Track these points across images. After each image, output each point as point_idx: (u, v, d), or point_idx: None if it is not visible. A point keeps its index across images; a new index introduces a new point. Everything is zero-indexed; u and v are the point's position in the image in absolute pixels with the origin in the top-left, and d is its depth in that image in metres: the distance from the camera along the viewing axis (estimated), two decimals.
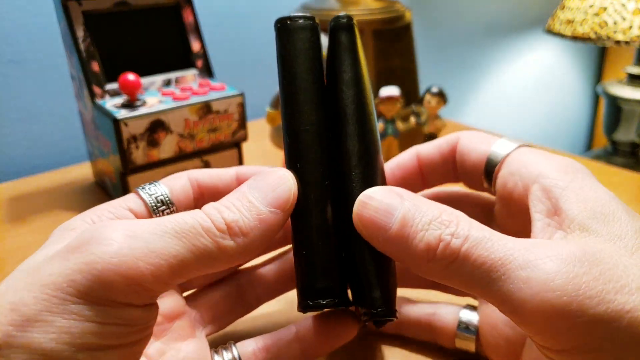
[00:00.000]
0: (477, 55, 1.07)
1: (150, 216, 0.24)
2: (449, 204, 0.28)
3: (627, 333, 0.16)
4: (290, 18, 0.24)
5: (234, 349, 0.25)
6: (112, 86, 0.43)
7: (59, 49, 0.57)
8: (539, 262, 0.17)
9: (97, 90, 0.43)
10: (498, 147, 0.25)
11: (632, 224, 0.19)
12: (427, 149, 0.27)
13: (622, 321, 0.16)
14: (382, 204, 0.19)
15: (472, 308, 0.27)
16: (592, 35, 0.82)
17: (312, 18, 0.24)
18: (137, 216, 0.23)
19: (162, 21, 0.46)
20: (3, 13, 0.54)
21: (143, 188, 0.24)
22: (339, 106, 0.23)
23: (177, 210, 0.24)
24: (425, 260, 0.19)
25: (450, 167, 0.27)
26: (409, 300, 0.29)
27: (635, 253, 0.18)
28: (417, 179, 0.28)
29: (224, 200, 0.20)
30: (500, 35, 1.09)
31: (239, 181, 0.26)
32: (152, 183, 0.24)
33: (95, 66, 0.43)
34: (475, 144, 0.26)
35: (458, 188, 0.29)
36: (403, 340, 0.29)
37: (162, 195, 0.24)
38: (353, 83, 0.23)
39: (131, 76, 0.41)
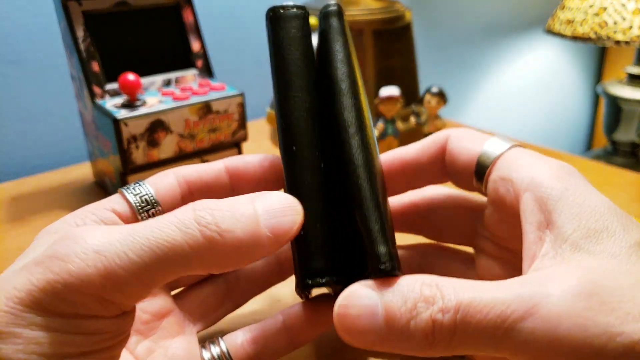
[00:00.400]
0: (477, 55, 1.08)
1: (135, 217, 0.23)
2: (437, 208, 0.28)
3: None
4: (282, 7, 0.24)
5: (221, 342, 0.25)
6: (112, 86, 0.43)
7: (59, 49, 0.57)
8: (540, 310, 0.17)
9: (97, 90, 0.43)
10: (489, 147, 0.24)
11: (627, 239, 0.19)
12: (411, 150, 0.26)
13: (634, 352, 0.16)
14: (361, 309, 0.18)
15: None
16: (592, 35, 0.82)
17: (303, 7, 0.24)
18: (121, 217, 0.23)
19: (162, 21, 0.46)
20: (3, 13, 0.54)
21: (128, 188, 0.24)
22: (334, 81, 0.24)
23: (163, 210, 0.24)
24: (427, 346, 0.18)
25: (438, 167, 0.26)
26: None
27: (629, 272, 0.18)
28: (400, 182, 0.27)
29: (225, 203, 0.19)
30: (500, 35, 1.10)
31: (229, 173, 0.25)
32: (137, 183, 0.24)
33: (95, 66, 0.43)
34: (465, 143, 0.25)
35: (445, 190, 0.28)
36: None
37: (146, 194, 0.23)
38: (346, 61, 0.24)
39: (131, 76, 0.41)
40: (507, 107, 1.20)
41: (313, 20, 0.46)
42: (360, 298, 0.18)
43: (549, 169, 0.21)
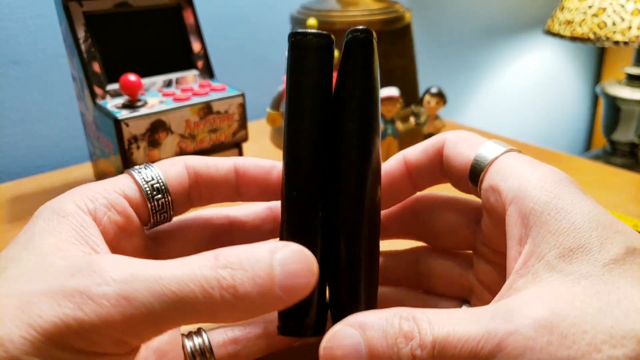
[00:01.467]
0: (476, 56, 1.08)
1: (145, 202, 0.23)
2: (435, 214, 0.28)
3: None
4: (305, 34, 0.22)
5: (204, 335, 0.26)
6: (113, 87, 0.43)
7: (60, 50, 0.58)
8: (506, 347, 0.17)
9: (98, 90, 0.43)
10: (484, 151, 0.24)
11: (602, 256, 0.19)
12: (413, 153, 0.27)
13: None
14: (346, 349, 0.19)
15: (467, 302, 0.28)
16: (591, 36, 0.83)
17: (327, 36, 0.22)
18: (131, 203, 0.23)
19: (163, 22, 0.46)
20: (4, 14, 0.54)
21: (139, 172, 0.23)
22: (341, 139, 0.23)
23: (172, 199, 0.24)
24: None
25: (438, 169, 0.26)
26: (413, 291, 0.29)
27: (598, 295, 0.18)
28: (407, 184, 0.27)
29: (247, 257, 0.18)
30: (499, 36, 1.10)
31: (237, 173, 0.25)
32: (147, 167, 0.24)
33: (96, 67, 0.43)
34: (460, 149, 0.25)
35: (443, 195, 0.28)
36: None
37: (157, 182, 0.24)
38: (359, 115, 0.23)
39: (132, 77, 0.41)
40: (507, 107, 1.20)
41: (313, 21, 0.47)
42: (344, 338, 0.19)
43: (536, 179, 0.21)
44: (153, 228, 0.25)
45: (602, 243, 0.19)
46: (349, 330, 0.19)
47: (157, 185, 0.23)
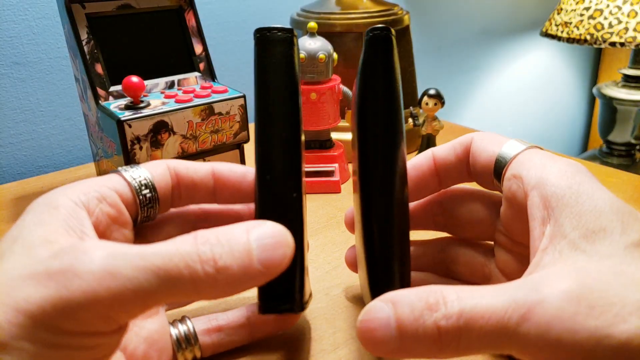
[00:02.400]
0: (474, 58, 1.08)
1: (134, 198, 0.24)
2: (458, 205, 0.29)
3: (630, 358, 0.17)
4: (269, 29, 0.24)
5: (188, 322, 0.27)
6: (115, 88, 0.44)
7: (63, 52, 0.58)
8: (533, 315, 0.18)
9: (101, 92, 0.43)
10: (507, 149, 0.26)
11: (623, 240, 0.20)
12: (442, 151, 0.28)
13: (623, 351, 0.17)
14: (377, 322, 0.19)
15: None
16: (588, 38, 0.83)
17: (291, 30, 0.24)
18: (122, 198, 0.24)
19: (165, 24, 0.47)
20: (7, 16, 0.54)
21: (126, 170, 0.25)
22: (367, 138, 0.24)
23: (158, 195, 0.25)
24: (437, 351, 0.19)
25: (464, 168, 0.28)
26: (438, 277, 0.31)
27: (621, 273, 0.19)
28: (434, 180, 0.29)
29: (224, 234, 0.19)
30: (497, 38, 1.10)
31: (215, 177, 0.27)
32: (132, 166, 0.25)
33: (99, 68, 0.43)
34: (485, 145, 0.27)
35: (466, 187, 0.30)
36: None
37: (145, 179, 0.25)
38: (383, 117, 0.24)
39: (135, 78, 0.41)
40: (504, 109, 1.21)
41: (313, 24, 0.47)
42: (376, 312, 0.20)
43: (557, 168, 0.23)
44: (140, 224, 0.26)
45: (624, 227, 0.20)
46: (381, 305, 0.20)
47: (145, 182, 0.25)
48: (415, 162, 0.29)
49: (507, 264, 0.27)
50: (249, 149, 0.55)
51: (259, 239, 0.19)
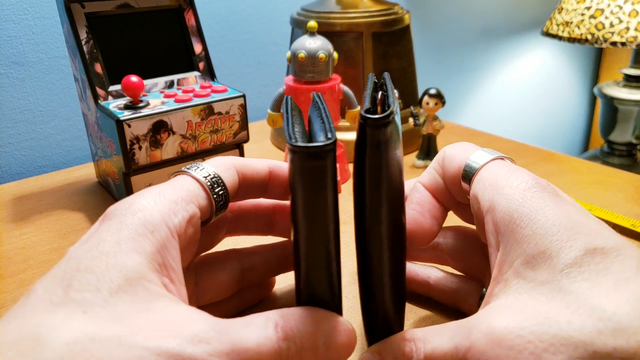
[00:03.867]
0: (474, 58, 1.08)
1: (210, 202, 0.24)
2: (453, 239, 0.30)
3: None
4: (312, 153, 0.20)
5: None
6: (115, 88, 0.44)
7: (62, 51, 0.58)
8: (467, 352, 0.20)
9: (100, 91, 0.43)
10: (473, 160, 0.25)
11: (561, 262, 0.20)
12: (427, 178, 0.28)
13: None
14: None
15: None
16: (589, 37, 0.83)
17: (330, 147, 0.20)
18: (200, 207, 0.23)
19: (164, 24, 0.47)
20: (6, 15, 0.54)
21: (212, 188, 0.24)
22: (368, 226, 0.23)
23: (229, 193, 0.25)
24: None
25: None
26: (439, 269, 0.32)
27: (551, 300, 0.20)
28: (438, 207, 0.28)
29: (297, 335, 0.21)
30: (497, 38, 1.10)
31: (271, 175, 0.27)
32: (215, 180, 0.25)
33: (98, 68, 0.43)
34: (453, 159, 0.26)
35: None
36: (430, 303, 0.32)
37: (223, 195, 0.25)
38: (378, 217, 0.23)
39: (134, 78, 0.41)
40: (505, 108, 1.21)
41: (313, 24, 0.47)
42: None
43: (507, 189, 0.23)
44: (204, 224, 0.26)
45: (562, 247, 0.20)
46: (372, 357, 0.23)
47: (223, 201, 0.25)
48: (419, 200, 0.27)
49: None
50: (249, 148, 0.55)
51: (328, 342, 0.21)
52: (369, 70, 0.55)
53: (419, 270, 0.32)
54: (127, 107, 0.42)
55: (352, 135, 0.55)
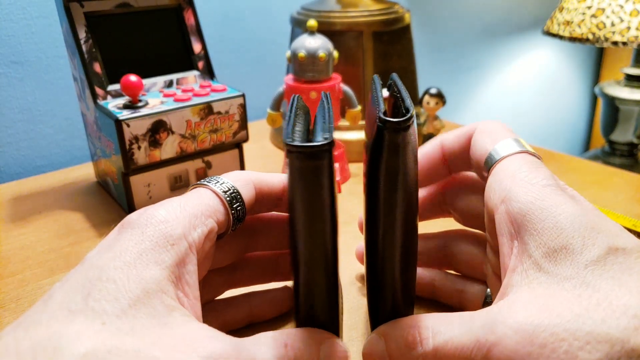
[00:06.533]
0: (475, 57, 1.08)
1: (228, 216, 0.24)
2: (462, 194, 0.29)
3: None
4: (307, 154, 0.20)
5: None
6: (114, 87, 0.44)
7: (61, 51, 0.58)
8: (493, 356, 0.20)
9: (99, 91, 0.43)
10: (499, 148, 0.25)
11: (584, 257, 0.20)
12: (449, 139, 0.28)
13: None
14: (376, 354, 0.23)
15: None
16: (590, 37, 0.83)
17: (328, 146, 0.20)
18: (218, 225, 0.23)
19: (164, 23, 0.46)
20: (6, 14, 0.54)
21: (231, 203, 0.24)
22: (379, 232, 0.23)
23: (245, 208, 0.25)
24: None
25: (469, 157, 0.28)
26: (443, 272, 0.32)
27: (579, 297, 0.19)
28: (443, 167, 0.29)
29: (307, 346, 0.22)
30: (498, 37, 1.10)
31: (284, 190, 0.27)
32: (235, 195, 0.24)
33: (97, 67, 0.43)
34: (482, 140, 0.26)
35: (473, 176, 0.30)
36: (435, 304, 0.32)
37: (241, 211, 0.25)
38: (392, 216, 0.22)
39: (133, 77, 0.41)
40: (506, 108, 1.21)
41: (313, 22, 0.47)
42: (372, 345, 0.24)
43: (524, 182, 0.23)
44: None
45: (584, 244, 0.20)
46: (377, 339, 0.24)
47: (240, 215, 0.25)
48: (426, 150, 0.29)
49: (495, 266, 0.27)
50: (248, 148, 0.55)
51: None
52: (370, 69, 0.55)
53: (424, 273, 0.32)
54: (126, 106, 0.41)
55: (352, 135, 0.55)
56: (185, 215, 0.22)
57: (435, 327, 0.22)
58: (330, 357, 0.22)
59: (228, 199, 0.24)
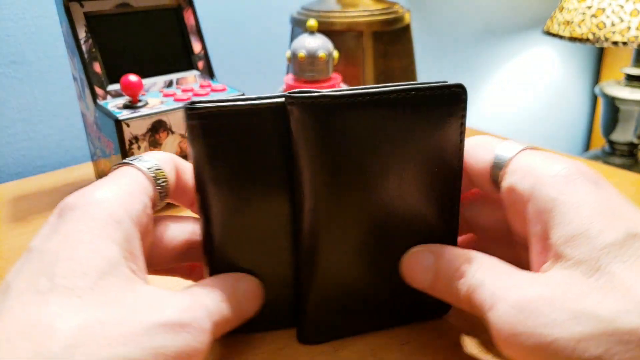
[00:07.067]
0: (475, 57, 1.08)
1: (155, 194, 0.25)
2: (474, 207, 0.29)
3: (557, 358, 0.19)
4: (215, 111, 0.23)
5: None
6: (114, 87, 0.44)
7: (61, 50, 0.58)
8: (496, 308, 0.21)
9: (99, 91, 0.43)
10: (501, 153, 0.25)
11: (600, 241, 0.20)
12: None
13: (549, 349, 0.19)
14: (419, 266, 0.26)
15: None
16: (590, 37, 0.83)
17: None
18: (151, 199, 0.24)
19: (164, 23, 0.46)
20: (5, 14, 0.54)
21: (157, 180, 0.25)
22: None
23: (169, 185, 0.26)
24: (455, 303, 0.25)
25: (465, 176, 0.27)
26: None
27: (588, 278, 0.20)
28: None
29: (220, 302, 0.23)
30: (498, 37, 1.10)
31: None
32: (157, 172, 0.25)
33: (97, 67, 0.43)
34: (478, 153, 0.26)
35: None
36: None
37: (165, 186, 0.25)
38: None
39: (133, 77, 0.41)
40: (505, 108, 1.20)
41: (313, 22, 0.47)
42: (423, 257, 0.26)
43: (547, 177, 0.23)
44: None
45: (603, 229, 0.20)
46: (428, 255, 0.25)
47: (165, 191, 0.25)
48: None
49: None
50: None
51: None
52: (369, 69, 0.55)
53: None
54: (126, 106, 0.42)
55: None
56: (122, 194, 0.23)
57: (481, 267, 0.23)
58: (246, 293, 0.25)
59: (153, 175, 0.25)
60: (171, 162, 0.26)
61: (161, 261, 0.26)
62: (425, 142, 0.24)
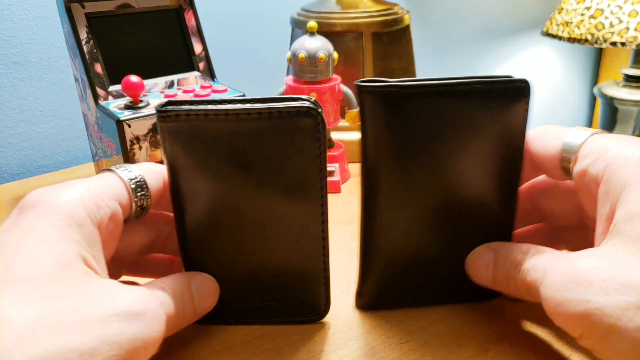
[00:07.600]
0: (474, 58, 1.08)
1: (131, 202, 0.25)
2: (546, 195, 0.30)
3: (600, 326, 0.20)
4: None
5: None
6: (115, 88, 0.44)
7: (62, 51, 0.58)
8: (547, 279, 0.23)
9: (100, 91, 0.43)
10: (570, 139, 0.26)
11: None
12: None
13: (595, 317, 0.20)
14: (481, 262, 0.28)
15: None
16: (589, 37, 0.83)
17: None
18: (121, 204, 0.25)
19: (165, 24, 0.47)
20: (6, 15, 0.54)
21: (135, 191, 0.25)
22: None
23: (151, 200, 0.26)
24: (516, 293, 0.27)
25: (529, 167, 0.28)
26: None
27: (634, 256, 0.21)
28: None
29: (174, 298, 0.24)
30: (497, 38, 1.10)
31: None
32: (140, 184, 0.26)
33: (98, 68, 0.43)
34: (546, 142, 0.27)
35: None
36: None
37: (145, 200, 0.26)
38: None
39: (134, 78, 0.41)
40: None
41: (313, 24, 0.47)
42: (483, 254, 0.28)
43: (620, 159, 0.23)
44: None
45: None
46: (487, 251, 0.28)
47: (144, 206, 0.26)
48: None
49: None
50: None
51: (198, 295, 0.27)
52: (369, 70, 0.55)
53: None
54: (127, 107, 0.42)
55: (351, 136, 0.55)
56: (89, 196, 0.23)
57: (533, 257, 0.25)
58: (200, 289, 0.26)
59: (133, 186, 0.25)
60: (160, 174, 0.27)
61: (127, 254, 0.28)
62: (487, 133, 0.26)
